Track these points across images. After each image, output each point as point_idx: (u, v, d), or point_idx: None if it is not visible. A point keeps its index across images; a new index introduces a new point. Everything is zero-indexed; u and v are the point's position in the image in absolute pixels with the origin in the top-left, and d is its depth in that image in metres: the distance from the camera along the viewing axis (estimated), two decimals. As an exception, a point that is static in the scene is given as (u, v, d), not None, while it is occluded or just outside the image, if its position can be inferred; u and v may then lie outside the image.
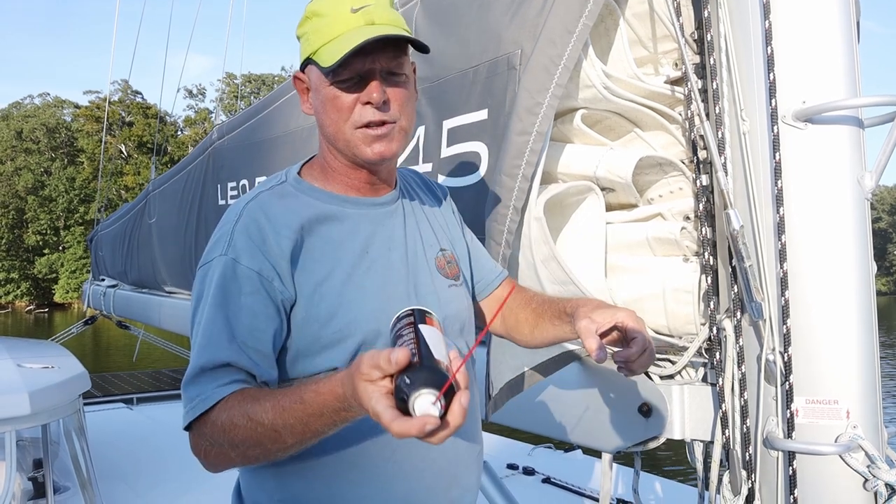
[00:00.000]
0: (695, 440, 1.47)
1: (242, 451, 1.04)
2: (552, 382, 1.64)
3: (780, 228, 1.27)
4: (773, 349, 1.29)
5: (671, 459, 7.11)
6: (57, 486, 3.33)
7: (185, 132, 59.08)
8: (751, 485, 1.34)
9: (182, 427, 1.10)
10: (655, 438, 1.46)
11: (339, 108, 1.16)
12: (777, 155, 1.28)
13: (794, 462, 1.26)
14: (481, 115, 1.71)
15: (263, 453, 1.03)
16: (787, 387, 1.26)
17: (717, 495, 1.40)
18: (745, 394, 1.36)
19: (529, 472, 4.17)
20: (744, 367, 1.36)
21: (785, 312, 1.27)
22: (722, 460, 1.39)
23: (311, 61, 1.19)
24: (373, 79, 1.15)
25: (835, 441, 1.24)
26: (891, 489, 1.20)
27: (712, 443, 1.41)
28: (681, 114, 1.55)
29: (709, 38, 1.41)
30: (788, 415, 1.26)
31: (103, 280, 5.77)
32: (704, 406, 1.45)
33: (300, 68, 1.25)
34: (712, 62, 1.38)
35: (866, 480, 1.22)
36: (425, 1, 1.97)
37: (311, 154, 1.32)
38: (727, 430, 1.38)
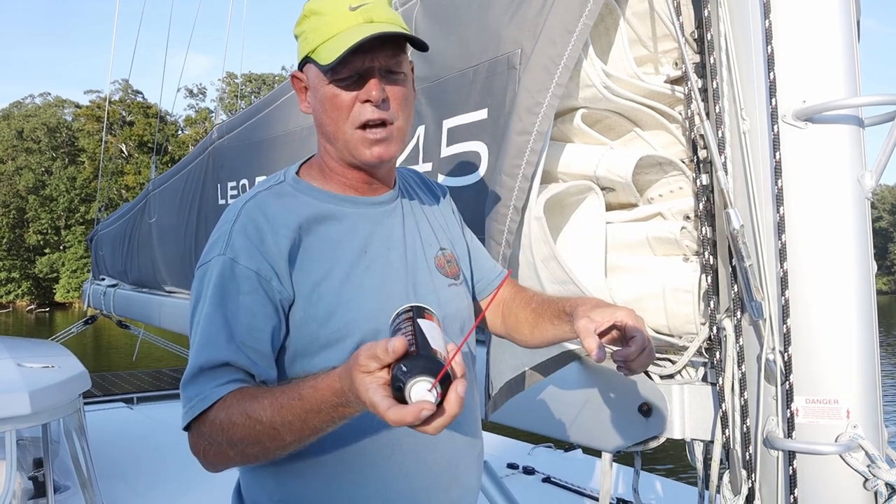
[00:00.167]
0: (695, 440, 1.47)
1: (241, 450, 1.04)
2: (552, 382, 1.64)
3: (780, 228, 1.27)
4: (774, 349, 1.29)
5: (669, 455, 7.11)
6: (57, 486, 3.33)
7: (186, 132, 59.11)
8: (751, 484, 1.34)
9: (181, 427, 1.10)
10: (655, 438, 1.46)
11: (338, 106, 1.16)
12: (777, 154, 1.28)
13: (795, 462, 1.26)
14: (481, 114, 1.71)
15: (262, 452, 1.03)
16: (788, 386, 1.26)
17: (718, 495, 1.40)
18: (746, 393, 1.36)
19: (529, 471, 4.17)
20: (744, 366, 1.36)
21: (785, 312, 1.27)
22: (722, 460, 1.39)
23: (309, 60, 1.19)
24: (372, 77, 1.15)
25: (835, 441, 1.24)
26: (891, 489, 1.20)
27: (712, 442, 1.41)
28: (681, 113, 1.55)
29: (709, 38, 1.40)
30: (788, 414, 1.26)
31: (103, 279, 5.77)
32: (704, 405, 1.45)
33: (298, 67, 1.25)
34: (712, 61, 1.38)
35: (866, 480, 1.22)
36: (425, 0, 1.97)
37: (311, 153, 1.32)
38: (727, 430, 1.38)
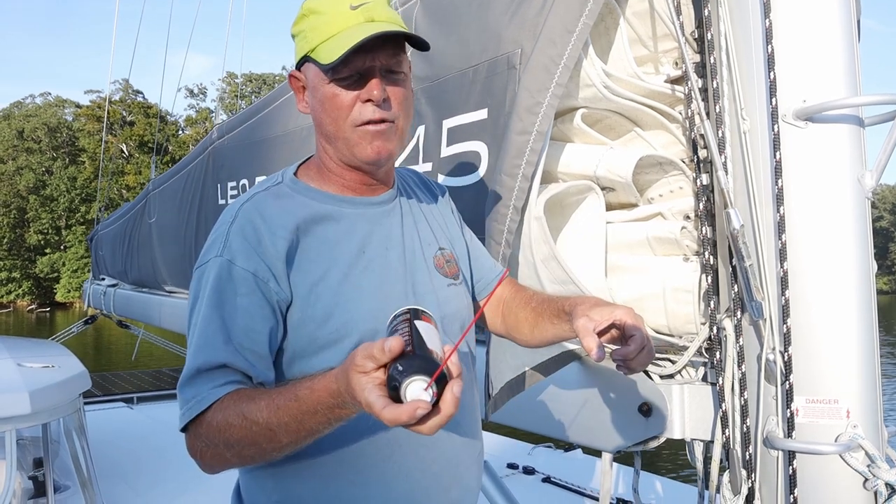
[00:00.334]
0: (695, 440, 1.47)
1: (238, 451, 1.03)
2: (552, 382, 1.64)
3: (780, 227, 1.27)
4: (774, 348, 1.28)
5: (667, 453, 7.11)
6: (57, 485, 3.33)
7: (187, 131, 59.08)
8: (751, 484, 1.34)
9: (178, 429, 1.09)
10: (655, 438, 1.46)
11: (339, 106, 1.16)
12: (777, 154, 1.28)
13: (794, 461, 1.26)
14: (481, 114, 1.70)
15: (259, 453, 1.03)
16: (788, 386, 1.26)
17: (717, 495, 1.40)
18: (746, 393, 1.36)
19: (529, 471, 4.17)
20: (744, 366, 1.36)
21: (785, 312, 1.27)
22: (722, 460, 1.39)
23: (308, 59, 1.18)
24: (373, 76, 1.14)
25: (835, 440, 1.24)
26: (891, 489, 1.20)
27: (712, 442, 1.41)
28: (681, 113, 1.55)
29: (709, 37, 1.40)
30: (788, 414, 1.26)
31: (103, 279, 5.77)
32: (704, 405, 1.45)
33: (296, 67, 1.24)
34: (712, 61, 1.38)
35: (866, 480, 1.22)
36: (425, 0, 1.97)
37: (311, 153, 1.32)
38: (727, 430, 1.38)
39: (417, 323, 0.93)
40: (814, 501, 1.25)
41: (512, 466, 4.22)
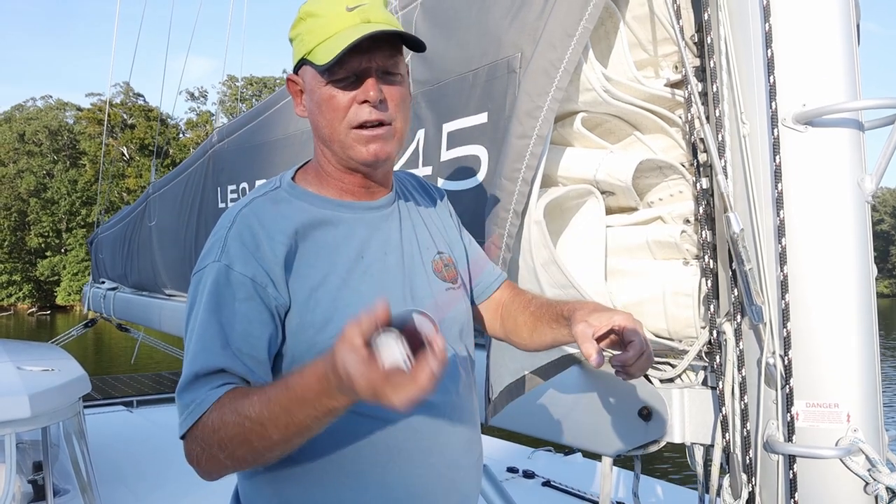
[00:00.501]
0: (695, 444, 1.47)
1: (231, 452, 1.02)
2: (552, 386, 1.63)
3: (780, 231, 1.27)
4: (774, 352, 1.28)
5: (668, 456, 7.10)
6: (57, 489, 3.33)
7: (187, 135, 59.11)
8: (751, 488, 1.34)
9: (179, 436, 1.08)
10: (656, 442, 1.46)
11: (335, 107, 1.16)
12: (777, 158, 1.28)
13: (795, 466, 1.25)
14: (481, 118, 1.70)
15: (251, 452, 1.01)
16: (788, 390, 1.26)
17: (718, 499, 1.39)
18: (746, 397, 1.35)
19: (529, 475, 4.17)
20: (744, 370, 1.36)
21: (785, 316, 1.26)
22: (722, 464, 1.39)
23: (305, 62, 1.19)
24: (369, 77, 1.15)
25: (835, 445, 1.23)
26: (891, 493, 1.20)
27: (712, 446, 1.40)
28: (681, 117, 1.55)
29: (709, 41, 1.40)
30: (789, 418, 1.26)
31: (103, 283, 5.77)
32: (704, 409, 1.45)
33: (294, 70, 1.25)
34: (712, 65, 1.38)
35: (867, 484, 1.22)
36: (425, 4, 1.97)
37: (311, 157, 1.32)
38: (727, 434, 1.37)
39: (414, 314, 0.94)
40: (814, 506, 1.25)
41: (512, 470, 4.22)
